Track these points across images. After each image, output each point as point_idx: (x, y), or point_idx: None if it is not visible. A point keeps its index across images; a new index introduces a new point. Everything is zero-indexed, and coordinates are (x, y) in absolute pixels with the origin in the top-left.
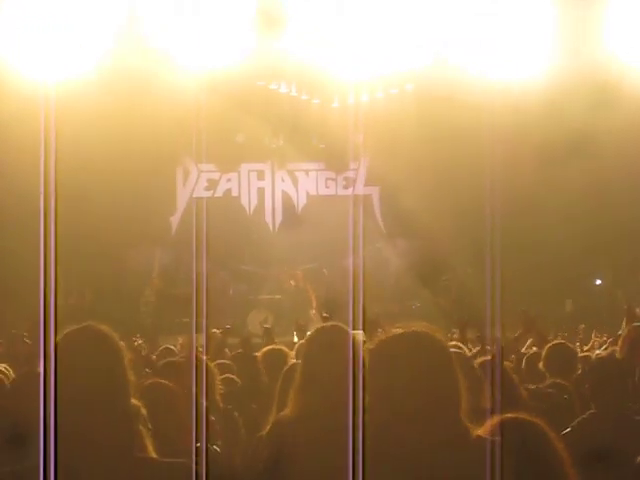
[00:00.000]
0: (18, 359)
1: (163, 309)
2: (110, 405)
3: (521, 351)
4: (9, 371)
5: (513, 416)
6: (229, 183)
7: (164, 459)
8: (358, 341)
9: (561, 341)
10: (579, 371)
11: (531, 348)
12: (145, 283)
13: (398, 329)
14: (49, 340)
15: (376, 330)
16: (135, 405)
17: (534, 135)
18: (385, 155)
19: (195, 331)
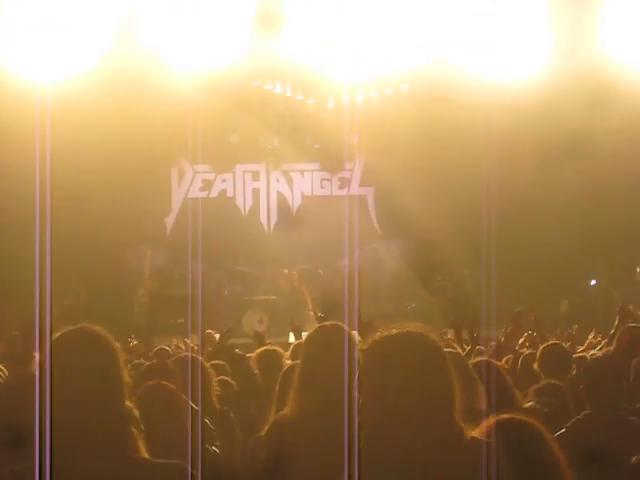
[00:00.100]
0: (13, 360)
1: (158, 310)
2: (105, 406)
3: (515, 350)
4: (3, 372)
5: (508, 417)
6: (224, 184)
7: (158, 460)
8: (353, 341)
9: (556, 341)
10: (574, 371)
11: (524, 348)
12: (140, 284)
13: (392, 330)
14: (44, 341)
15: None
16: (128, 407)
17: (530, 136)
18: (380, 155)
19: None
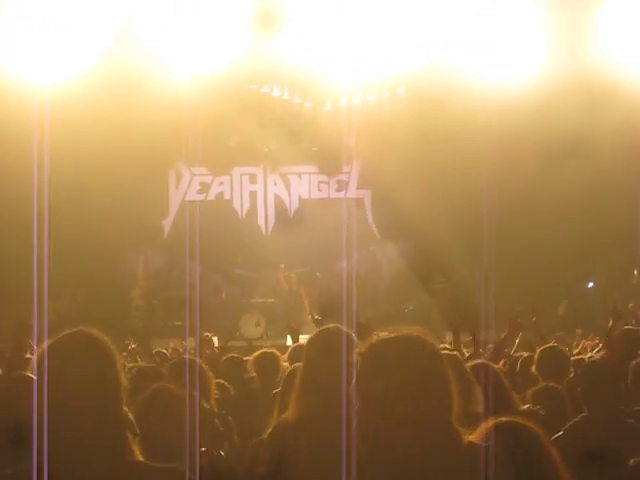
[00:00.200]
0: (6, 361)
1: (155, 313)
2: (102, 409)
3: (511, 354)
4: None
5: (505, 420)
6: (221, 186)
7: (155, 464)
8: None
9: (554, 344)
10: (572, 374)
11: (520, 351)
12: (137, 286)
13: (390, 333)
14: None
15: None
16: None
17: (529, 138)
18: (377, 158)
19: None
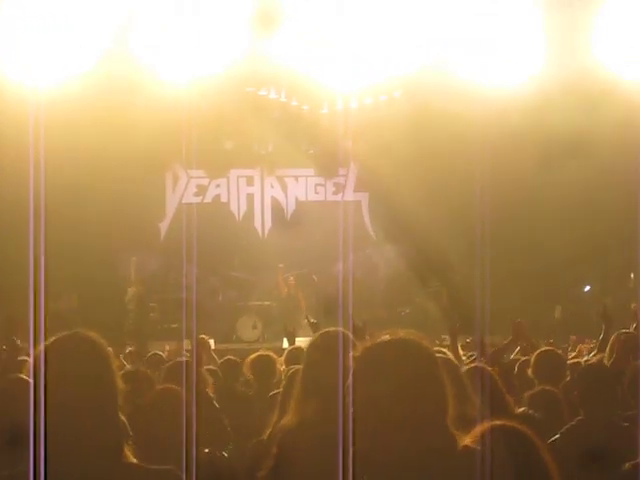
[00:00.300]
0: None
1: (151, 315)
2: (98, 411)
3: (510, 358)
4: None
5: (499, 424)
6: (218, 189)
7: (151, 466)
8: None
9: (550, 348)
10: (568, 378)
11: (519, 356)
12: (133, 289)
13: (385, 336)
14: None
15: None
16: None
17: (527, 139)
18: (374, 161)
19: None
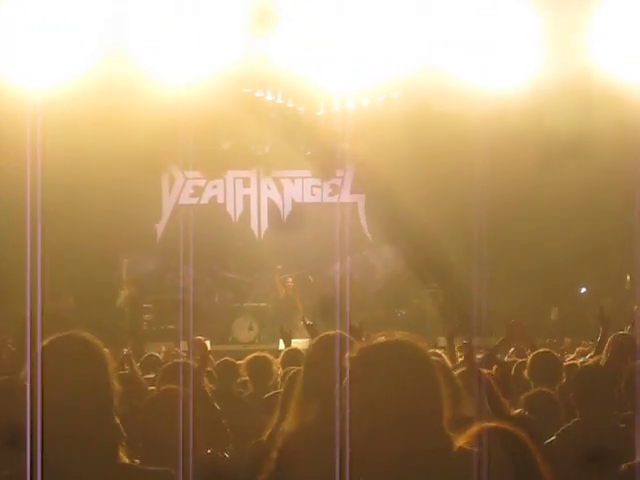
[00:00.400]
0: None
1: (147, 316)
2: (94, 413)
3: (506, 360)
4: None
5: (492, 426)
6: (215, 190)
7: (148, 467)
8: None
9: (546, 349)
10: (564, 379)
11: (513, 357)
12: (125, 291)
13: (380, 338)
14: (35, 346)
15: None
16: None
17: (526, 139)
18: (371, 163)
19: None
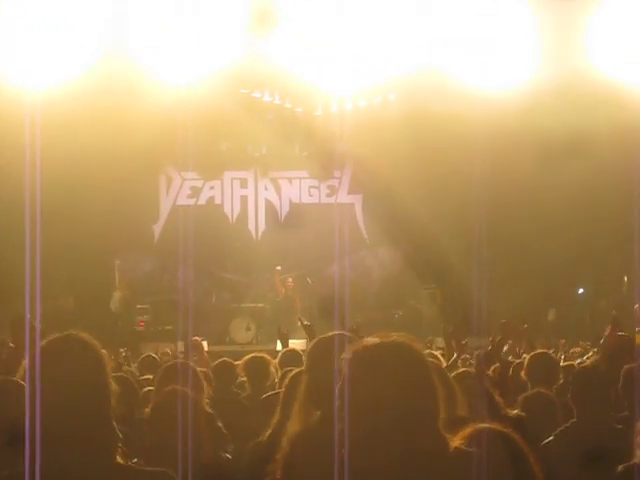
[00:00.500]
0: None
1: (145, 317)
2: (92, 413)
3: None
4: None
5: (485, 427)
6: (212, 191)
7: (146, 468)
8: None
9: (543, 350)
10: (561, 380)
11: (509, 357)
12: (119, 293)
13: (376, 339)
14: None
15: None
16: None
17: (524, 142)
18: (368, 164)
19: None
